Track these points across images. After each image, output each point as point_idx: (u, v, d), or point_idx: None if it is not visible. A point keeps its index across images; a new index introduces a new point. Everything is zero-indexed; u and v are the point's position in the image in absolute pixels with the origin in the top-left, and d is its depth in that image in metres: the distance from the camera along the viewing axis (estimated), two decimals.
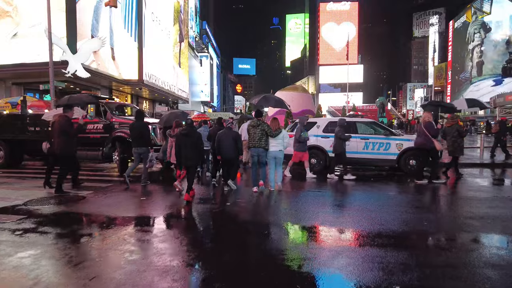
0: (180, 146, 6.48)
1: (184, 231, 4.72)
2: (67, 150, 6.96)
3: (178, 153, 6.55)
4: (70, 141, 7.05)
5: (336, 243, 4.07)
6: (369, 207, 5.83)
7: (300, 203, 6.28)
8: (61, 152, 6.93)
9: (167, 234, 4.53)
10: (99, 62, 20.02)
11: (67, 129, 6.90)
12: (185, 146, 6.42)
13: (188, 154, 6.42)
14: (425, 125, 8.35)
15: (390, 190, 8.05)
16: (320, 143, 10.22)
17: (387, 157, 9.90)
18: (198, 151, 6.59)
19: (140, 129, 8.00)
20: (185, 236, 4.47)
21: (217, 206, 6.12)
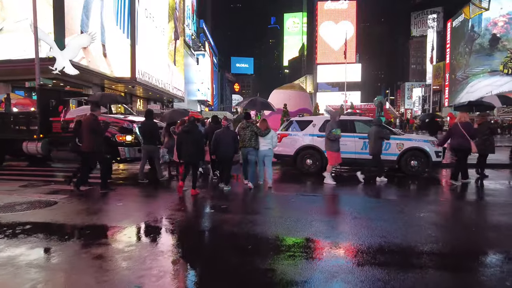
0: (182, 142, 6.70)
1: (148, 249, 4.12)
2: (95, 148, 7.08)
3: (179, 149, 6.77)
4: (98, 139, 7.19)
5: (331, 262, 3.50)
6: (368, 214, 5.26)
7: (291, 209, 5.71)
8: (90, 150, 7.02)
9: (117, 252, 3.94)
10: (90, 59, 19.39)
11: (96, 127, 7.04)
12: (186, 142, 6.63)
13: (189, 150, 6.61)
14: (463, 125, 7.89)
15: (390, 194, 7.49)
16: (316, 142, 9.64)
17: (386, 158, 9.31)
18: (199, 148, 6.81)
19: (150, 128, 8.36)
20: (150, 257, 3.89)
21: (196, 215, 5.56)
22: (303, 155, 9.74)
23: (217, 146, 7.30)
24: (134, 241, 4.22)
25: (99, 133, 7.22)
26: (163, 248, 3.93)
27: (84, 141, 7.07)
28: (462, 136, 7.83)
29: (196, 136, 6.74)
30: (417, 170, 9.24)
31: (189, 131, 6.68)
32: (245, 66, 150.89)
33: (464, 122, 7.97)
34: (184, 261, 3.56)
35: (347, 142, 9.47)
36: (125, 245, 3.99)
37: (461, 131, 7.85)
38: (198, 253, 3.79)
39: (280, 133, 10.15)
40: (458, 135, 7.95)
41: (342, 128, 9.68)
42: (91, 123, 6.97)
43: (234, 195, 7.11)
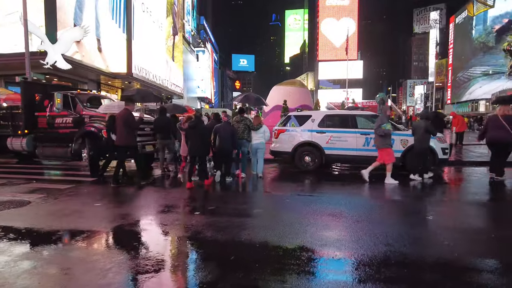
0: (189, 137, 7.21)
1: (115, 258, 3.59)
2: (129, 141, 7.31)
3: (187, 143, 7.31)
4: (132, 133, 7.43)
5: (326, 277, 2.96)
6: (371, 217, 4.71)
7: (285, 211, 5.18)
8: (124, 143, 7.21)
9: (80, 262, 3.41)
10: (84, 53, 18.84)
11: (131, 122, 7.26)
12: (193, 137, 7.07)
13: (196, 144, 7.04)
14: (506, 118, 7.49)
15: (395, 194, 6.95)
16: (315, 139, 9.09)
17: None
18: (205, 142, 7.21)
19: (163, 123, 8.70)
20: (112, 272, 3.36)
21: (187, 213, 5.03)
22: (301, 152, 9.20)
23: (216, 140, 7.68)
24: (101, 250, 3.69)
25: (134, 127, 7.47)
26: (131, 259, 3.39)
27: (118, 135, 7.25)
28: (503, 128, 7.44)
29: (202, 131, 7.13)
30: (423, 168, 8.67)
31: (195, 126, 7.06)
32: (246, 63, 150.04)
33: (508, 115, 7.56)
34: (151, 276, 3.02)
35: (348, 138, 8.94)
36: (90, 253, 3.46)
37: (503, 124, 7.44)
38: (171, 266, 3.26)
39: (277, 128, 9.62)
40: (498, 128, 7.54)
41: (343, 123, 9.19)
42: (127, 118, 7.16)
43: (226, 193, 6.59)
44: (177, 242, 3.90)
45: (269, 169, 9.89)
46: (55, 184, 7.23)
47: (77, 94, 9.70)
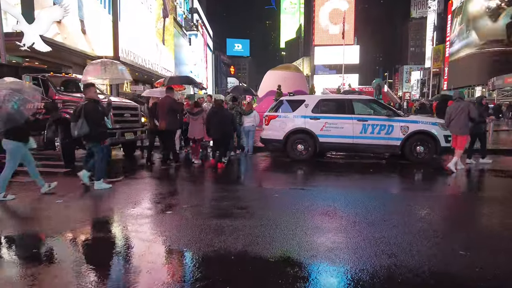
0: (210, 121, 7.65)
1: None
2: (175, 126, 7.74)
3: (207, 127, 7.79)
4: (177, 118, 7.72)
5: None
6: (370, 217, 4.07)
7: (271, 209, 4.52)
8: (171, 128, 7.58)
9: None
10: (66, 35, 17.78)
11: (176, 107, 7.60)
12: (214, 122, 7.56)
13: (218, 128, 7.56)
14: None
15: (394, 187, 6.32)
16: (308, 125, 8.39)
17: (389, 143, 8.13)
18: (225, 126, 7.68)
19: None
20: None
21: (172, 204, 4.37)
22: (294, 139, 8.52)
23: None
24: (32, 263, 3.01)
25: (179, 112, 7.81)
26: (63, 276, 2.70)
27: (163, 120, 7.45)
28: None
29: (222, 117, 7.63)
30: (424, 157, 8.06)
31: (217, 112, 7.62)
32: (241, 48, 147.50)
33: None
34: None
35: (344, 124, 8.26)
36: (14, 272, 2.79)
37: None
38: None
39: (268, 114, 8.90)
40: None
41: (338, 108, 8.52)
42: (172, 104, 7.47)
43: (209, 187, 5.93)
44: (129, 257, 3.22)
45: (260, 159, 9.23)
46: (18, 177, 6.49)
47: (49, 77, 8.85)
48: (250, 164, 8.73)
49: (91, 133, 5.36)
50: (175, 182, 6.35)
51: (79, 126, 5.28)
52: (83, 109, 5.32)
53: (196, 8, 65.21)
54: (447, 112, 7.35)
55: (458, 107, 7.04)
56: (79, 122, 5.28)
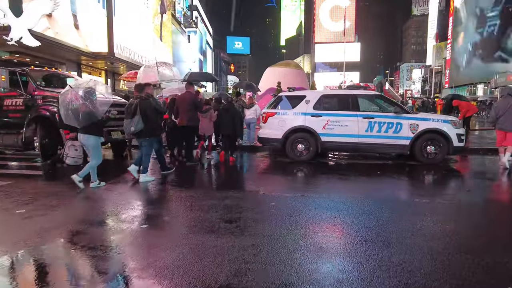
0: (221, 119, 7.89)
1: None
2: (196, 122, 7.51)
3: (218, 124, 7.98)
4: (197, 114, 7.52)
5: None
6: (383, 233, 3.42)
7: (265, 223, 3.87)
8: (192, 124, 7.39)
9: None
10: (57, 30, 17.06)
11: (197, 103, 7.45)
12: (224, 119, 7.83)
13: (228, 125, 7.83)
14: None
15: (410, 193, 5.65)
16: (309, 123, 7.72)
17: (397, 142, 7.46)
18: (235, 123, 7.96)
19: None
20: None
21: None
22: (293, 139, 7.84)
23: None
24: None
25: (200, 108, 7.60)
26: None
27: (183, 116, 7.28)
28: None
29: (233, 114, 7.96)
30: (435, 157, 7.40)
31: (229, 109, 7.94)
32: (241, 46, 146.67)
33: None
34: None
35: (347, 122, 7.59)
36: None
37: None
38: None
39: (266, 111, 8.23)
40: None
41: (342, 105, 7.85)
42: (194, 99, 7.33)
43: (197, 193, 5.28)
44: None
45: (257, 159, 8.59)
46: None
47: (29, 71, 8.19)
48: (247, 165, 8.10)
49: (145, 129, 5.57)
50: (164, 187, 5.70)
51: (135, 122, 5.46)
52: (139, 106, 5.51)
53: (196, 5, 64.46)
54: (494, 108, 7.13)
55: (507, 104, 6.79)
56: (135, 118, 5.47)
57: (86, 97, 5.02)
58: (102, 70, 25.93)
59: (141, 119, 5.49)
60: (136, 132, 5.61)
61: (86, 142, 5.27)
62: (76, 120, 5.06)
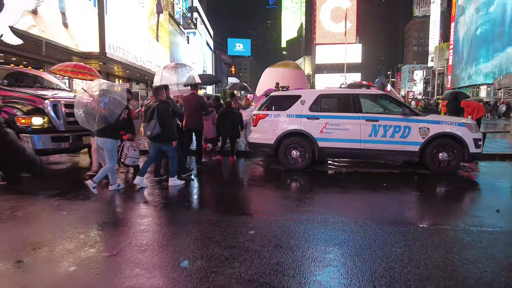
0: (221, 121, 7.87)
1: None
2: (202, 125, 7.24)
3: (219, 127, 7.99)
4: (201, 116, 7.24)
5: None
6: (391, 283, 2.52)
7: (235, 268, 2.97)
8: (200, 127, 7.19)
9: None
10: (43, 28, 16.23)
11: (205, 106, 7.29)
12: (225, 121, 7.82)
13: (228, 127, 7.85)
14: None
15: (427, 214, 4.72)
16: (305, 127, 6.82)
17: (405, 148, 6.55)
18: (235, 125, 7.91)
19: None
20: None
21: None
22: (287, 144, 6.94)
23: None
24: None
25: (207, 111, 7.55)
26: None
27: (191, 119, 7.02)
28: None
29: (232, 116, 7.89)
30: (448, 165, 6.49)
31: (229, 112, 7.91)
32: (242, 48, 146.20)
33: None
34: None
35: (349, 125, 6.69)
36: None
37: None
38: None
39: (256, 113, 7.32)
40: None
41: (342, 105, 6.96)
42: (201, 101, 7.15)
43: (162, 218, 4.38)
44: None
45: (248, 168, 7.68)
46: None
47: None
48: (234, 175, 7.18)
49: (163, 133, 5.41)
50: (124, 204, 4.81)
51: (152, 126, 5.33)
52: (156, 110, 5.35)
53: (196, 7, 63.81)
54: None
55: None
56: (152, 122, 5.32)
57: (100, 99, 4.88)
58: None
59: (158, 123, 5.32)
60: (153, 137, 5.43)
61: (104, 145, 5.16)
62: (91, 123, 5.04)
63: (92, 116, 4.97)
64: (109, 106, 4.90)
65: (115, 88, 5.16)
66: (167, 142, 5.56)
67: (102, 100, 4.89)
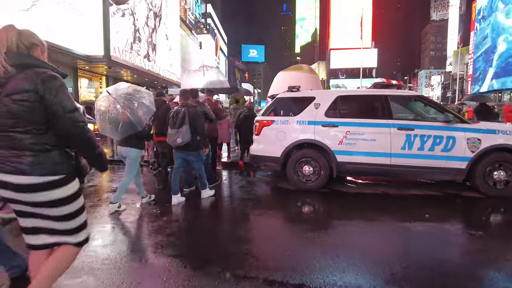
0: (241, 125, 7.90)
1: None
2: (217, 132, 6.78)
3: (239, 130, 8.11)
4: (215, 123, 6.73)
5: None
6: None
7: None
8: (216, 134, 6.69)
9: None
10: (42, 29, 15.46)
11: (219, 111, 6.91)
12: (247, 125, 7.56)
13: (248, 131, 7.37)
14: None
15: (498, 270, 3.29)
16: (320, 136, 5.48)
17: (447, 164, 5.13)
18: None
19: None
20: None
21: None
22: (297, 158, 5.60)
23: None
24: None
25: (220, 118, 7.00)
26: None
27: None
28: None
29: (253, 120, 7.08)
30: (507, 188, 5.02)
31: (250, 116, 7.71)
32: (256, 54, 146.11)
33: None
34: None
35: (375, 135, 5.30)
36: None
37: None
38: None
39: (259, 119, 6.01)
40: None
41: (366, 110, 5.58)
42: (216, 107, 6.72)
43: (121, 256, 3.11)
44: None
45: (250, 186, 6.29)
46: None
47: None
48: (232, 197, 5.80)
49: (193, 140, 4.89)
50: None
51: (183, 133, 4.78)
52: (187, 115, 4.82)
53: (210, 13, 63.45)
54: None
55: None
56: (183, 128, 4.78)
57: (127, 105, 4.24)
58: (102, 75, 24.35)
59: (189, 130, 4.80)
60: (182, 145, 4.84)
61: (127, 154, 4.67)
62: (114, 131, 4.36)
63: (116, 122, 4.24)
64: (137, 112, 4.23)
65: (143, 93, 4.45)
66: (195, 151, 4.98)
67: (129, 106, 4.20)
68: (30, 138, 1.84)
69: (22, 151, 1.82)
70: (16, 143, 1.82)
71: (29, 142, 1.83)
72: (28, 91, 1.80)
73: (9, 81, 1.82)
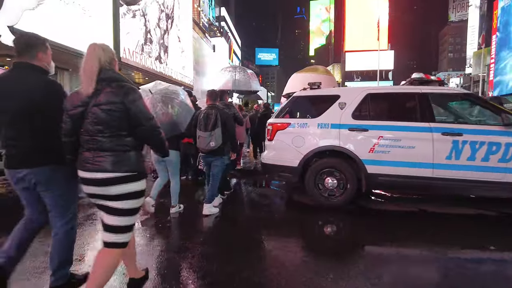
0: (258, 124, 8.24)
1: None
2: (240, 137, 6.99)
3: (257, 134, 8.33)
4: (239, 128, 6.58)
5: None
6: None
7: None
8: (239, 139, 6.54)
9: None
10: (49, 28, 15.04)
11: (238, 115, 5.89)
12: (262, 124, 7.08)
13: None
14: None
15: None
16: (346, 142, 4.56)
17: (505, 178, 4.13)
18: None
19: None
20: None
21: None
22: (318, 168, 4.68)
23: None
24: None
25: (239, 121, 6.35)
26: None
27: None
28: None
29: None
30: None
31: (267, 115, 7.90)
32: (269, 57, 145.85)
33: None
34: None
35: (414, 141, 4.34)
36: None
37: None
38: None
39: (272, 122, 5.11)
40: None
41: (403, 111, 4.64)
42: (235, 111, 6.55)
43: None
44: None
45: (261, 200, 5.41)
46: None
47: None
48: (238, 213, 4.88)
49: (223, 144, 4.51)
50: None
51: (216, 136, 4.41)
52: (220, 116, 4.45)
53: (224, 16, 63.31)
54: None
55: None
56: (215, 132, 4.41)
57: (169, 104, 3.93)
58: None
59: (221, 133, 4.47)
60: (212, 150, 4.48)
61: (167, 159, 4.35)
62: None
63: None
64: (181, 112, 3.86)
65: (183, 93, 4.11)
66: (223, 156, 4.61)
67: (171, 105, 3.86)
68: (114, 141, 2.05)
69: (105, 152, 2.04)
70: (101, 145, 2.04)
71: (112, 144, 2.05)
72: (115, 103, 2.02)
73: (98, 93, 2.03)
